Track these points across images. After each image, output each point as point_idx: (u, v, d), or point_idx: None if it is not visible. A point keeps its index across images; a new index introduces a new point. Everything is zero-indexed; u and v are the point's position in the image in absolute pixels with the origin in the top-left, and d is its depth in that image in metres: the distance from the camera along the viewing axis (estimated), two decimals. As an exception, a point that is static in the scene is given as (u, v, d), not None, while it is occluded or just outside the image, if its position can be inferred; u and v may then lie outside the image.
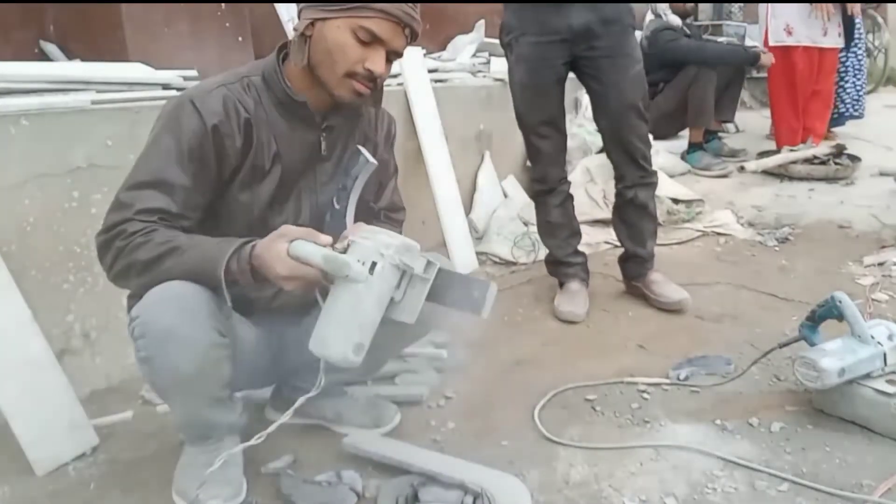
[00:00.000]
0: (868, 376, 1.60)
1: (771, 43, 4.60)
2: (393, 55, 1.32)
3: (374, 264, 1.16)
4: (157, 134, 1.28)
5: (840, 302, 1.65)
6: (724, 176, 4.30)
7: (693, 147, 4.51)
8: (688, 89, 4.32)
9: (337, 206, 1.39)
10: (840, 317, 1.67)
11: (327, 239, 1.19)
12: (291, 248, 1.16)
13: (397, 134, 1.62)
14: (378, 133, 1.53)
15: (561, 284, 2.43)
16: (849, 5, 4.36)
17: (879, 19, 7.12)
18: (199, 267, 1.19)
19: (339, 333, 1.18)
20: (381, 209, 1.57)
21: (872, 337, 1.61)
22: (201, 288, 1.21)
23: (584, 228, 2.61)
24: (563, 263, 2.43)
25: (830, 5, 4.36)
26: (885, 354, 1.60)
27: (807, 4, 4.40)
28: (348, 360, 1.18)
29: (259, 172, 1.35)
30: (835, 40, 4.49)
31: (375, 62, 1.28)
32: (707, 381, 1.86)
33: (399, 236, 1.21)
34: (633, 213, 2.37)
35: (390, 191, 1.60)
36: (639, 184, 2.32)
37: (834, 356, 1.58)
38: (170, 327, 1.19)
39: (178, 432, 1.44)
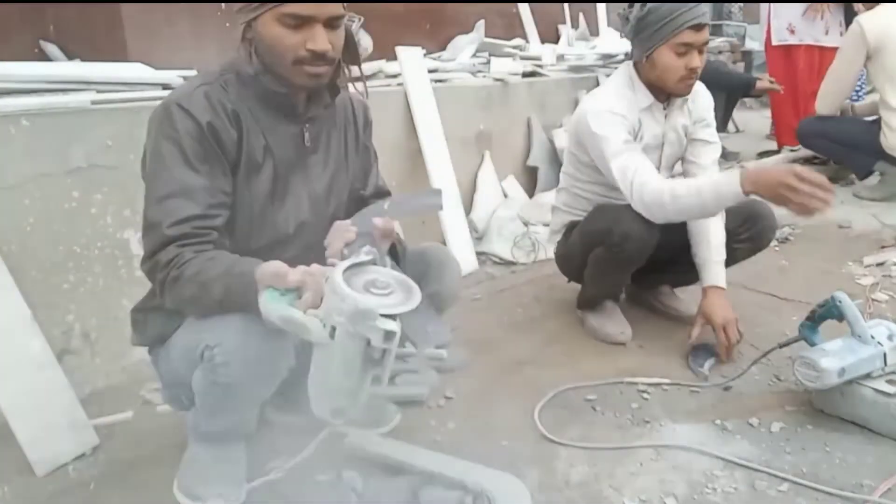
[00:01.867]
0: (868, 376, 1.60)
1: (774, 42, 4.61)
2: (332, 23, 1.29)
3: (334, 328, 1.07)
4: (155, 145, 1.28)
5: (840, 302, 1.65)
6: None
7: None
8: None
9: (385, 207, 1.38)
10: (840, 317, 1.67)
11: (295, 278, 1.11)
12: (260, 303, 1.12)
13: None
14: (358, 120, 1.54)
15: (591, 306, 2.24)
16: (856, 4, 4.37)
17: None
18: (238, 309, 1.19)
19: (317, 396, 1.15)
20: (369, 196, 1.57)
21: (872, 337, 1.61)
22: None
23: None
24: (608, 295, 2.22)
25: (827, 5, 4.37)
26: (885, 354, 1.60)
27: (808, 4, 4.41)
28: (330, 422, 1.16)
29: (254, 166, 1.34)
30: (836, 39, 4.49)
31: (316, 41, 1.26)
32: (707, 380, 1.86)
33: (354, 297, 1.05)
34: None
35: (375, 177, 1.60)
36: (748, 240, 2.11)
37: (834, 356, 1.58)
38: (258, 357, 1.20)
39: (190, 430, 1.42)
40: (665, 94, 2.04)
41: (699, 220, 2.01)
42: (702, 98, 2.16)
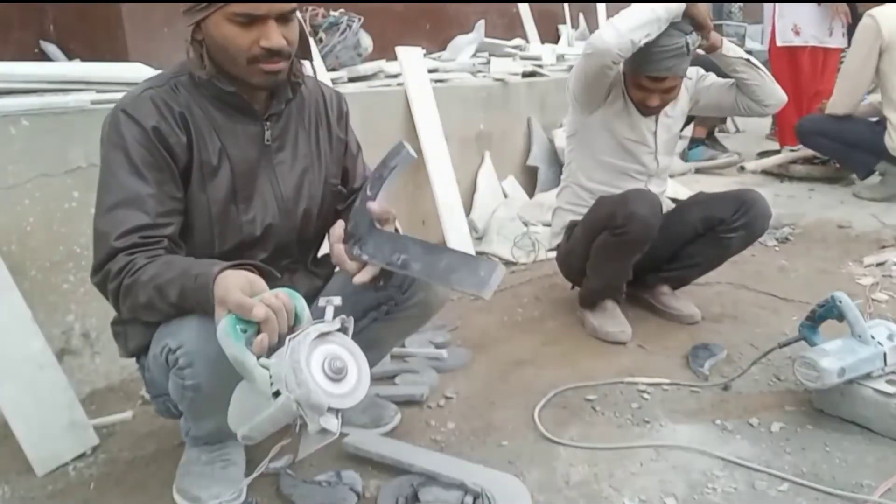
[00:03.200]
0: (868, 376, 1.60)
1: (779, 43, 4.60)
2: (284, 17, 1.26)
3: (279, 392, 1.06)
4: (105, 155, 1.26)
5: (840, 302, 1.65)
6: (731, 165, 4.33)
7: (695, 142, 4.51)
8: None
9: (369, 193, 1.36)
10: (840, 317, 1.66)
11: (259, 312, 1.05)
12: (218, 329, 1.08)
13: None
14: (330, 113, 1.50)
15: (592, 305, 2.23)
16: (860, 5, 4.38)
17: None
18: (197, 310, 1.16)
19: (235, 414, 1.14)
20: (354, 191, 1.54)
21: (873, 337, 1.61)
22: None
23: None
24: (610, 290, 2.22)
25: (845, 6, 4.36)
26: (885, 354, 1.60)
27: (815, 5, 4.40)
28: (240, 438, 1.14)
29: (209, 169, 1.32)
30: (839, 40, 4.50)
31: (269, 37, 1.23)
32: (707, 380, 1.87)
33: (308, 386, 1.03)
34: (711, 249, 2.20)
35: (361, 167, 1.57)
36: (743, 227, 2.13)
37: (834, 356, 1.58)
38: (221, 355, 1.16)
39: (185, 435, 1.43)
40: None
41: None
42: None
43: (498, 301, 2.51)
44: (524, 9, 4.88)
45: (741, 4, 7.62)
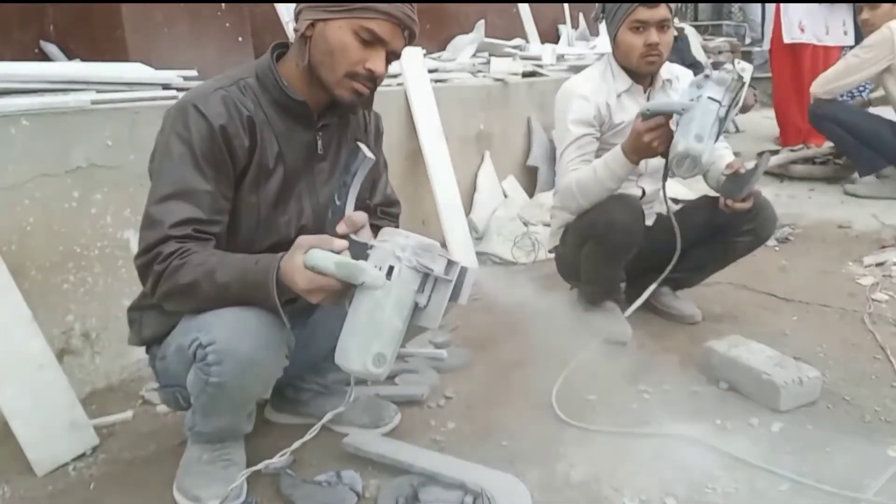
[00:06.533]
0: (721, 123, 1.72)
1: (786, 40, 4.60)
2: (392, 56, 1.33)
3: (391, 268, 1.12)
4: (166, 143, 1.27)
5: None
6: None
7: None
8: None
9: (338, 203, 1.37)
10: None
11: (342, 244, 1.16)
12: (306, 258, 1.13)
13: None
14: (369, 131, 1.54)
15: (592, 305, 2.23)
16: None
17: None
18: (249, 294, 1.19)
19: (358, 344, 1.14)
20: (377, 205, 1.58)
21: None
22: (266, 311, 1.21)
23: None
24: (605, 293, 2.23)
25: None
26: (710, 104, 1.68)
27: (816, 4, 4.41)
28: (369, 371, 1.13)
29: (265, 172, 1.35)
30: (840, 38, 4.49)
31: (376, 62, 1.29)
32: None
33: (416, 236, 1.15)
34: (716, 252, 2.19)
35: (383, 185, 1.61)
36: (750, 232, 2.11)
37: (682, 136, 1.70)
38: (251, 356, 1.20)
39: (188, 431, 1.42)
40: (643, 76, 2.09)
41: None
42: (685, 78, 2.15)
43: (498, 301, 2.51)
44: (524, 9, 4.89)
45: (741, 4, 7.63)
